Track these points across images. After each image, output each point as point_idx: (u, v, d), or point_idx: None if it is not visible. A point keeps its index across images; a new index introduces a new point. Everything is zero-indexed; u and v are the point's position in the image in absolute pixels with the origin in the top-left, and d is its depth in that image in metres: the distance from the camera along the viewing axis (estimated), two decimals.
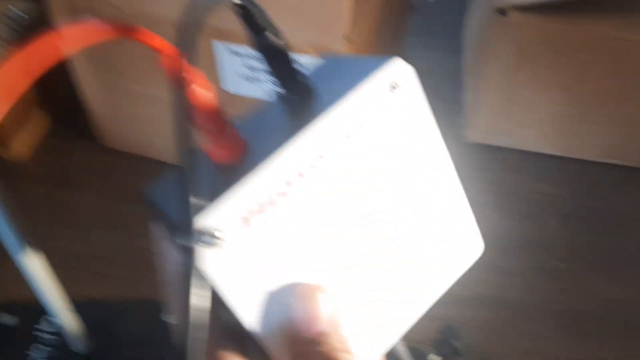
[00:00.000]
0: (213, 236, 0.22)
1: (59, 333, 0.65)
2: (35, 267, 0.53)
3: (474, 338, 0.66)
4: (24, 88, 0.20)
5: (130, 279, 0.71)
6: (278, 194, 0.24)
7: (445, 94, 0.95)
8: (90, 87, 0.76)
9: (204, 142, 0.25)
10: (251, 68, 0.65)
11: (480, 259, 0.81)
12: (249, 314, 0.25)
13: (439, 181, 0.30)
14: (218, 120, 0.24)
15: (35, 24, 0.76)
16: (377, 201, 0.27)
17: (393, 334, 0.32)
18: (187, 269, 0.22)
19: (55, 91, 0.84)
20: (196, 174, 0.22)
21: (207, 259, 0.23)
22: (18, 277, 0.54)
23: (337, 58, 0.30)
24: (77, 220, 0.79)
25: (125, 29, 0.22)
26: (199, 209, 0.22)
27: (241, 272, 0.24)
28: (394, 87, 0.26)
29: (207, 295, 0.23)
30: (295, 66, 0.25)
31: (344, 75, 0.27)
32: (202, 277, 0.23)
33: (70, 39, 0.21)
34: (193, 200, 0.22)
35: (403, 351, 0.40)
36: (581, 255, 0.75)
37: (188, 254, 0.22)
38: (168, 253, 0.25)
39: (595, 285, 0.72)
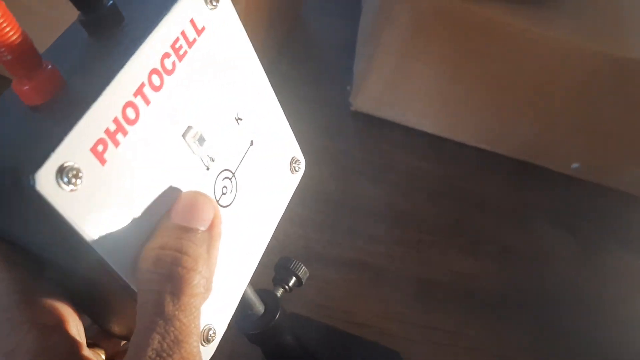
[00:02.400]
0: (68, 173, 0.20)
1: None
2: None
3: (335, 296, 0.67)
4: None
5: None
6: (119, 123, 0.22)
7: (339, 61, 0.95)
8: None
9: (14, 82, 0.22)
10: None
11: (349, 223, 0.82)
12: (108, 250, 0.23)
13: (258, 99, 0.31)
14: (28, 55, 0.21)
15: None
16: (211, 118, 0.27)
17: (244, 275, 0.31)
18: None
19: None
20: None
21: (63, 199, 0.20)
22: None
23: None
24: None
25: None
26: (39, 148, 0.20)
27: (99, 207, 0.22)
28: (212, 3, 0.27)
29: None
30: None
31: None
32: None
33: None
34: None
35: (252, 293, 0.40)
36: (443, 230, 0.78)
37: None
38: None
39: (451, 259, 0.75)
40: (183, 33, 0.25)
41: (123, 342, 0.32)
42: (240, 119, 0.30)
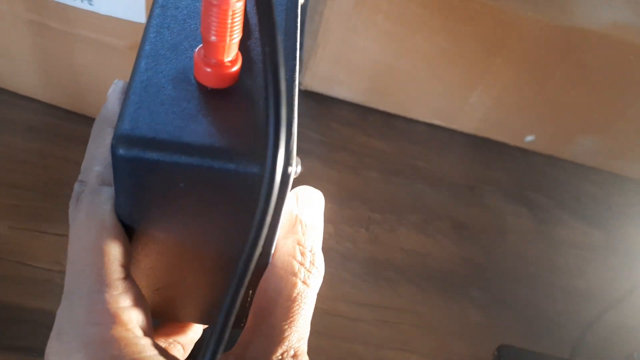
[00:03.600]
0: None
1: None
2: None
3: None
4: None
5: None
6: None
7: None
8: None
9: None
10: None
11: None
12: None
13: None
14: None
15: None
16: None
17: None
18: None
19: None
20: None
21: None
22: None
23: None
24: None
25: None
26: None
27: None
28: None
29: None
30: None
31: None
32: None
33: None
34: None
35: None
36: (395, 209, 0.77)
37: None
38: None
39: (402, 237, 0.74)
40: None
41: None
42: None
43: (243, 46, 0.26)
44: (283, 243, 0.28)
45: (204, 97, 0.24)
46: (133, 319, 0.24)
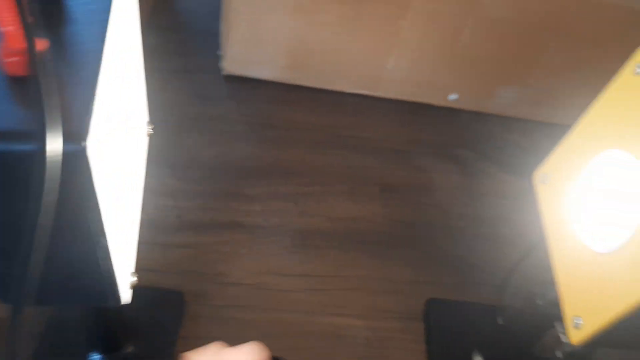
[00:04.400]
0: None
1: None
2: None
3: (208, 262, 0.68)
4: None
5: None
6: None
7: (209, 27, 0.93)
8: None
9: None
10: None
11: (223, 186, 0.82)
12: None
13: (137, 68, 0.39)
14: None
15: None
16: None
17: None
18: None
19: None
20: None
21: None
22: None
23: None
24: None
25: None
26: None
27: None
28: None
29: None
30: None
31: None
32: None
33: None
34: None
35: None
36: (323, 180, 0.79)
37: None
38: None
39: (330, 206, 0.76)
40: None
41: None
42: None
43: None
44: None
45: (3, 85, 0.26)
46: None
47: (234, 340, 0.62)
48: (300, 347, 0.63)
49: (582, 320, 0.42)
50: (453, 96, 0.90)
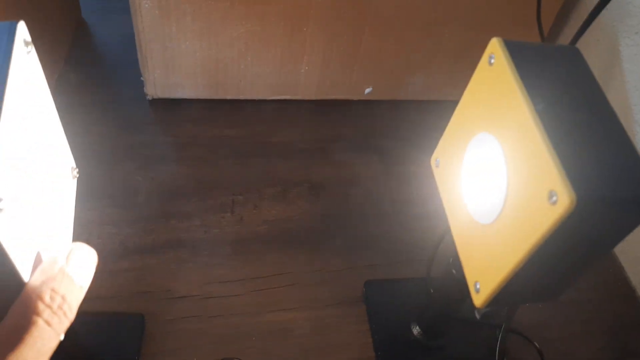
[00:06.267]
0: None
1: None
2: None
3: (154, 281, 0.72)
4: None
5: None
6: None
7: (129, 56, 0.96)
8: None
9: None
10: None
11: (160, 208, 0.85)
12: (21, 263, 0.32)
13: (49, 120, 0.40)
14: None
15: None
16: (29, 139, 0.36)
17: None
18: None
19: None
20: None
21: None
22: None
23: None
24: None
25: None
26: None
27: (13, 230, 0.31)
28: (27, 45, 0.35)
29: None
30: None
31: None
32: None
33: None
34: None
35: None
36: (254, 187, 0.84)
37: None
38: None
39: (264, 211, 0.81)
40: None
41: None
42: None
43: None
44: (37, 285, 0.32)
45: None
46: None
47: (190, 349, 0.67)
48: (251, 346, 0.68)
49: (480, 285, 0.48)
50: (368, 89, 0.96)
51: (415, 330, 0.70)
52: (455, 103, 0.52)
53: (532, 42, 0.46)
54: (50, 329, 0.31)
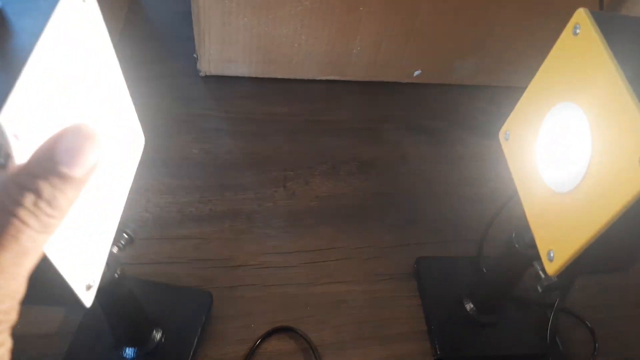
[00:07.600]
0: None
1: None
2: None
3: (213, 249, 0.73)
4: None
5: None
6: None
7: (183, 32, 0.98)
8: None
9: None
10: None
11: (216, 180, 0.87)
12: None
13: (111, 79, 0.39)
14: None
15: None
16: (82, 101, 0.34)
17: (109, 237, 0.41)
18: None
19: None
20: None
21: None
22: None
23: None
24: None
25: None
26: None
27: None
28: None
29: None
30: None
31: None
32: None
33: None
34: None
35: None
36: (305, 164, 0.85)
37: None
38: None
39: (316, 186, 0.82)
40: None
41: None
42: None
43: None
44: (16, 180, 0.27)
45: None
46: None
47: (248, 316, 0.68)
48: (306, 315, 0.69)
49: (554, 253, 0.48)
50: (417, 72, 0.97)
51: (469, 306, 0.70)
52: (503, 89, 0.52)
53: (615, 13, 0.47)
54: (29, 229, 0.27)
